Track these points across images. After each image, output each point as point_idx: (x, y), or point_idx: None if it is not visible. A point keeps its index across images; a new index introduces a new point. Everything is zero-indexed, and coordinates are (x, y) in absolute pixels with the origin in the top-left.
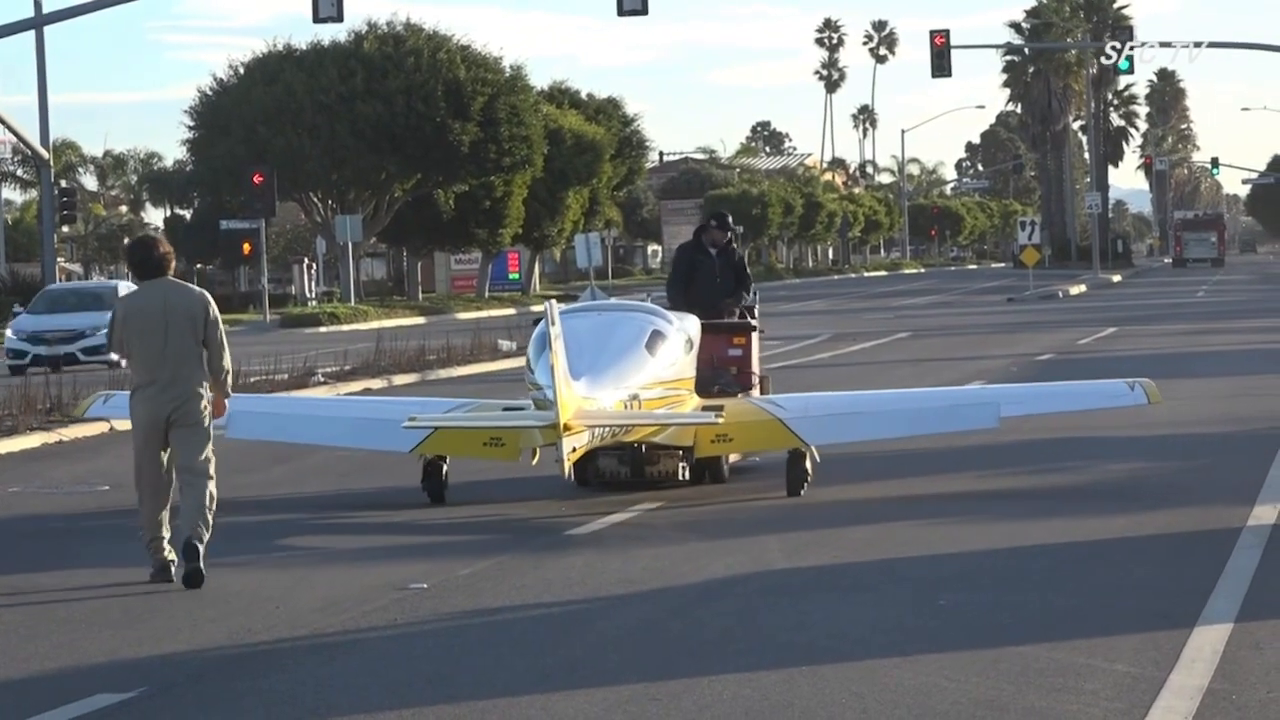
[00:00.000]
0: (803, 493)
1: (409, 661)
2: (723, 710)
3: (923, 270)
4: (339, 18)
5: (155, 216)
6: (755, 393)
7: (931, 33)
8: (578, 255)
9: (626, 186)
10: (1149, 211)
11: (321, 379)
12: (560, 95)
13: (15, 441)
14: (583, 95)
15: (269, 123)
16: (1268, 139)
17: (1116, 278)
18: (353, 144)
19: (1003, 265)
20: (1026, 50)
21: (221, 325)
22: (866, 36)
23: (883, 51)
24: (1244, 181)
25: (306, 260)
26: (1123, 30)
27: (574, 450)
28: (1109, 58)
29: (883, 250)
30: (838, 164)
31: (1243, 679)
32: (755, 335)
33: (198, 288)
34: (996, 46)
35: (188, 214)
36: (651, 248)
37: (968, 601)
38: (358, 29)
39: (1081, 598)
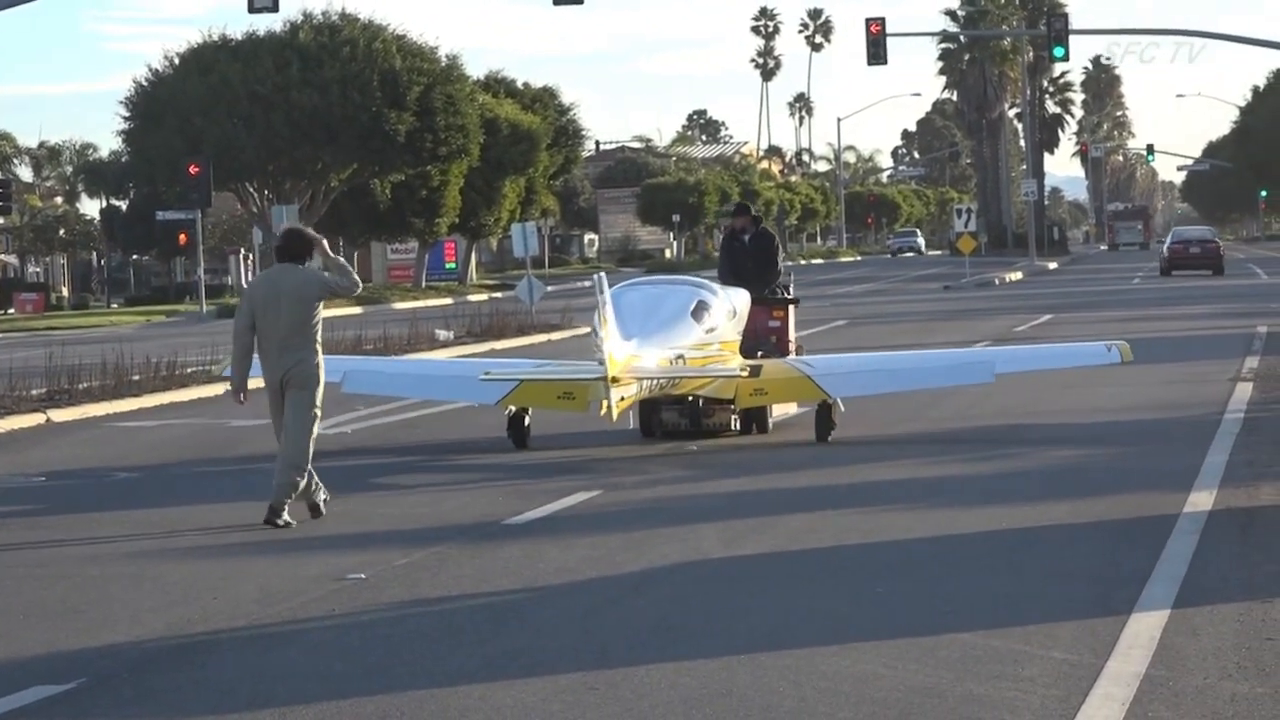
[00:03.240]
0: (829, 438)
1: (347, 652)
2: (660, 699)
3: (859, 258)
4: (274, 8)
5: (91, 207)
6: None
7: (867, 20)
8: (514, 244)
9: (563, 176)
10: (1085, 199)
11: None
12: (496, 85)
13: None
14: (519, 85)
15: (204, 113)
16: (1202, 126)
17: (1053, 265)
18: (288, 134)
19: (939, 253)
20: (962, 38)
21: (327, 287)
22: (802, 25)
23: (819, 39)
24: (1179, 169)
25: (243, 251)
26: (1058, 18)
27: (622, 399)
28: (1054, 56)
29: (819, 238)
30: (774, 152)
31: (1180, 665)
32: (792, 309)
33: (312, 270)
34: (932, 34)
35: (123, 205)
36: (588, 237)
37: (905, 589)
38: (293, 19)
39: (1019, 585)
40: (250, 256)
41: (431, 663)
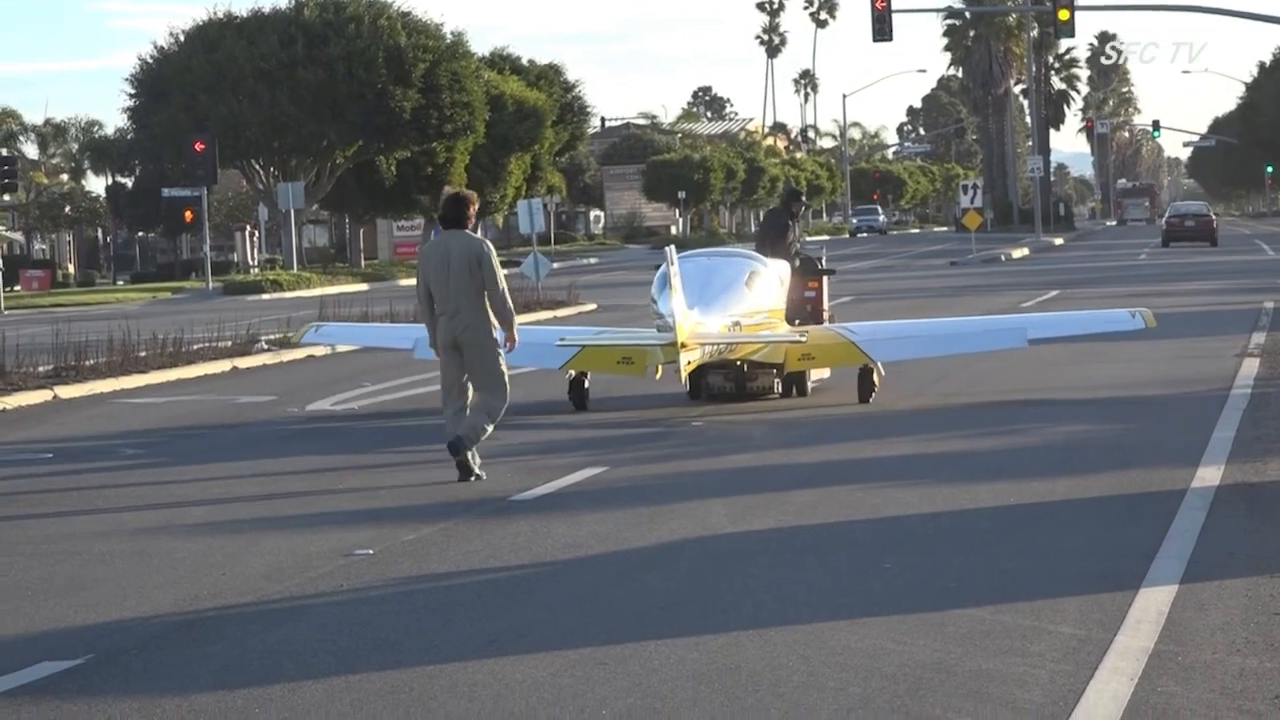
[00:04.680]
0: (871, 400)
1: (355, 627)
2: (669, 674)
3: (865, 234)
4: None
5: (97, 184)
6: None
7: None
8: (520, 221)
9: (568, 152)
10: (1091, 175)
11: (265, 346)
12: (501, 62)
13: None
14: (524, 62)
15: (210, 90)
16: (1208, 102)
17: (1059, 241)
18: (294, 111)
19: (945, 229)
20: (967, 14)
21: (496, 267)
22: (807, 1)
23: (823, 16)
24: (1185, 144)
25: (248, 228)
26: None
27: (689, 363)
28: (1059, 34)
29: (825, 214)
30: (779, 129)
31: (1188, 640)
32: (826, 280)
33: (477, 236)
34: (937, 10)
35: (129, 182)
36: (594, 213)
37: (913, 565)
38: None
39: (1027, 560)
40: (256, 233)
41: (440, 638)
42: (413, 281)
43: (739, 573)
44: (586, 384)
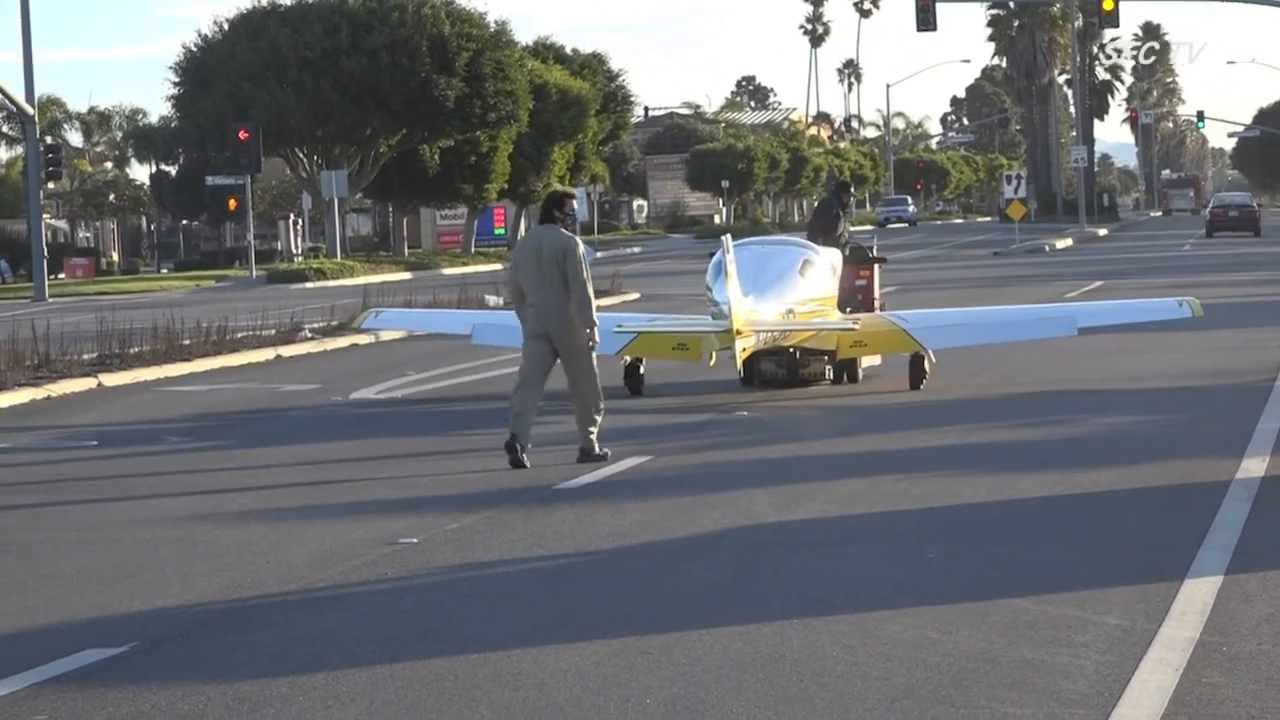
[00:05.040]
0: (922, 387)
1: (400, 616)
2: (714, 663)
3: (909, 224)
4: None
5: (141, 173)
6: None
7: None
8: None
9: (612, 141)
10: (1135, 165)
11: (308, 334)
12: (545, 51)
13: (4, 397)
14: (567, 51)
15: (254, 79)
16: (1253, 93)
17: (1102, 231)
18: (337, 100)
19: (988, 219)
20: (1011, 4)
21: (580, 263)
22: None
23: (867, 5)
24: (1229, 135)
25: (292, 216)
26: None
27: (744, 350)
28: (1103, 24)
29: (868, 204)
30: (823, 118)
31: (1233, 631)
32: (877, 268)
33: (566, 232)
34: (982, 0)
35: (173, 170)
36: (637, 203)
37: (957, 555)
38: None
39: (1071, 551)
40: (300, 222)
41: (484, 627)
42: (455, 270)
43: (783, 562)
44: (642, 370)
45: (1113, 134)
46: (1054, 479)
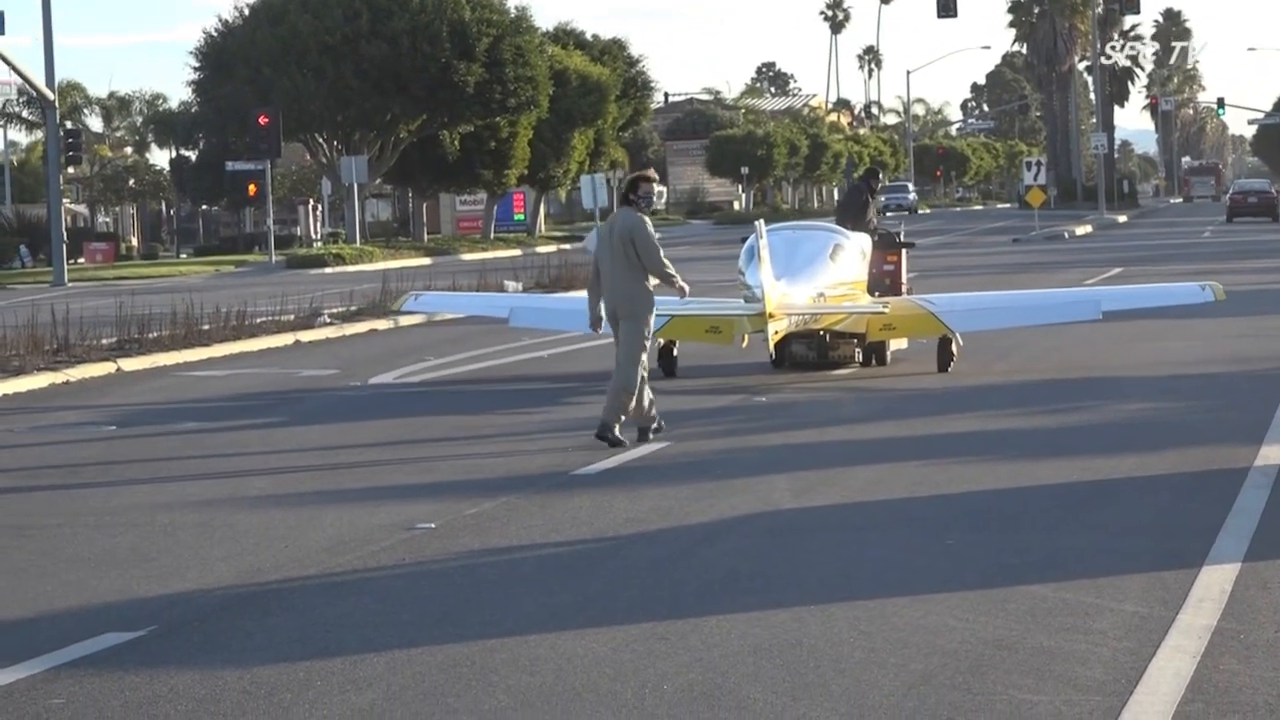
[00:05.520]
0: (951, 368)
1: (418, 601)
2: (731, 649)
3: (928, 211)
4: None
5: (160, 158)
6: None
7: None
8: (583, 196)
9: (632, 127)
10: (1155, 152)
11: (327, 319)
12: (565, 36)
13: (22, 382)
14: (588, 36)
15: (274, 64)
16: (1274, 79)
17: (1122, 218)
18: (358, 85)
19: (1008, 206)
20: None
21: (648, 238)
22: None
23: None
24: (1250, 122)
25: (312, 201)
26: None
27: (776, 333)
28: (1123, 10)
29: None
30: (843, 105)
31: (1251, 618)
32: (904, 253)
33: (637, 214)
34: None
35: (193, 155)
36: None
37: (976, 541)
38: None
39: (1089, 537)
40: (319, 207)
41: (501, 612)
42: (475, 256)
43: (800, 548)
44: (675, 352)
45: (1132, 121)
46: (1073, 465)
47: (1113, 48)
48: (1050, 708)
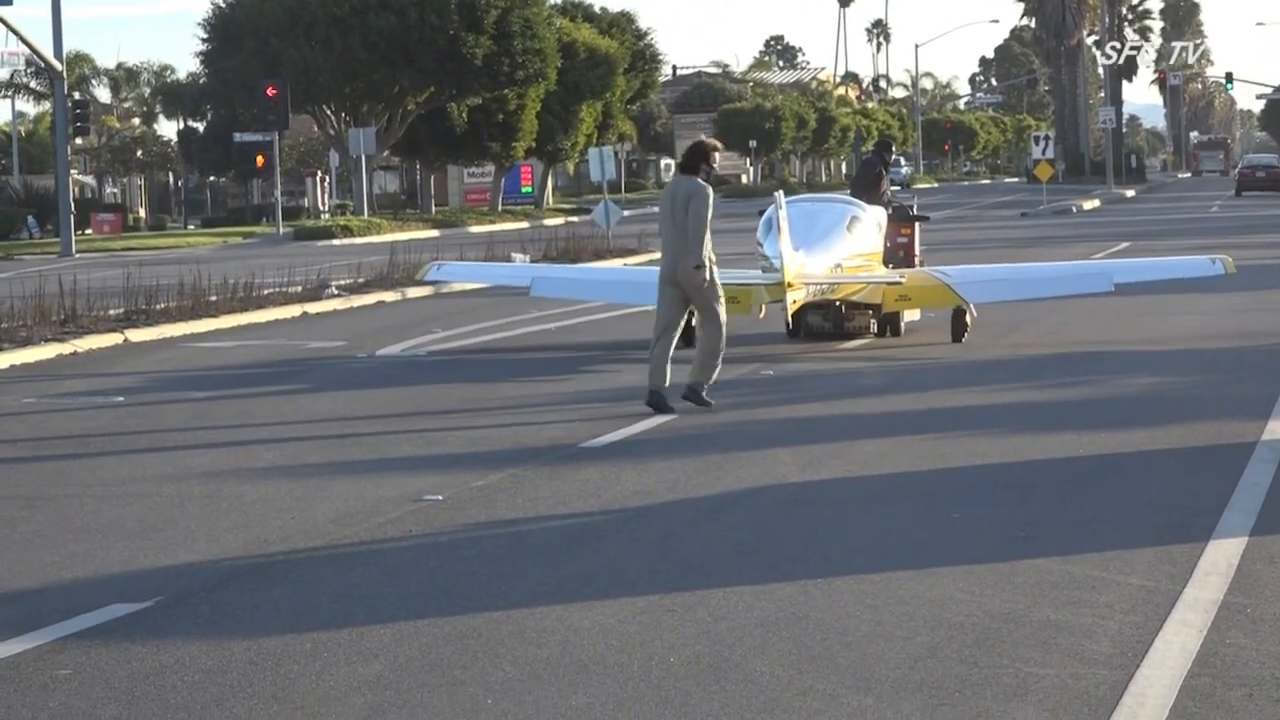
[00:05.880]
0: (964, 339)
1: (425, 573)
2: (737, 621)
3: (936, 185)
4: None
5: (168, 129)
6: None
7: None
8: (591, 169)
9: (639, 100)
10: (1163, 127)
11: (335, 291)
12: (574, 9)
13: (30, 352)
14: (596, 9)
15: (282, 35)
16: None
17: (1130, 193)
18: (366, 57)
19: (1016, 180)
20: None
21: (701, 207)
22: None
23: None
24: (1258, 97)
25: (319, 173)
26: None
27: (794, 302)
28: None
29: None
30: (851, 78)
31: (1258, 592)
32: (917, 226)
33: (699, 182)
34: None
35: (201, 126)
36: (664, 161)
37: (981, 515)
38: None
39: (1095, 511)
40: (327, 179)
41: (508, 584)
42: (482, 228)
43: (806, 521)
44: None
45: (1141, 95)
46: (1080, 439)
47: (1114, 48)
48: (1056, 681)
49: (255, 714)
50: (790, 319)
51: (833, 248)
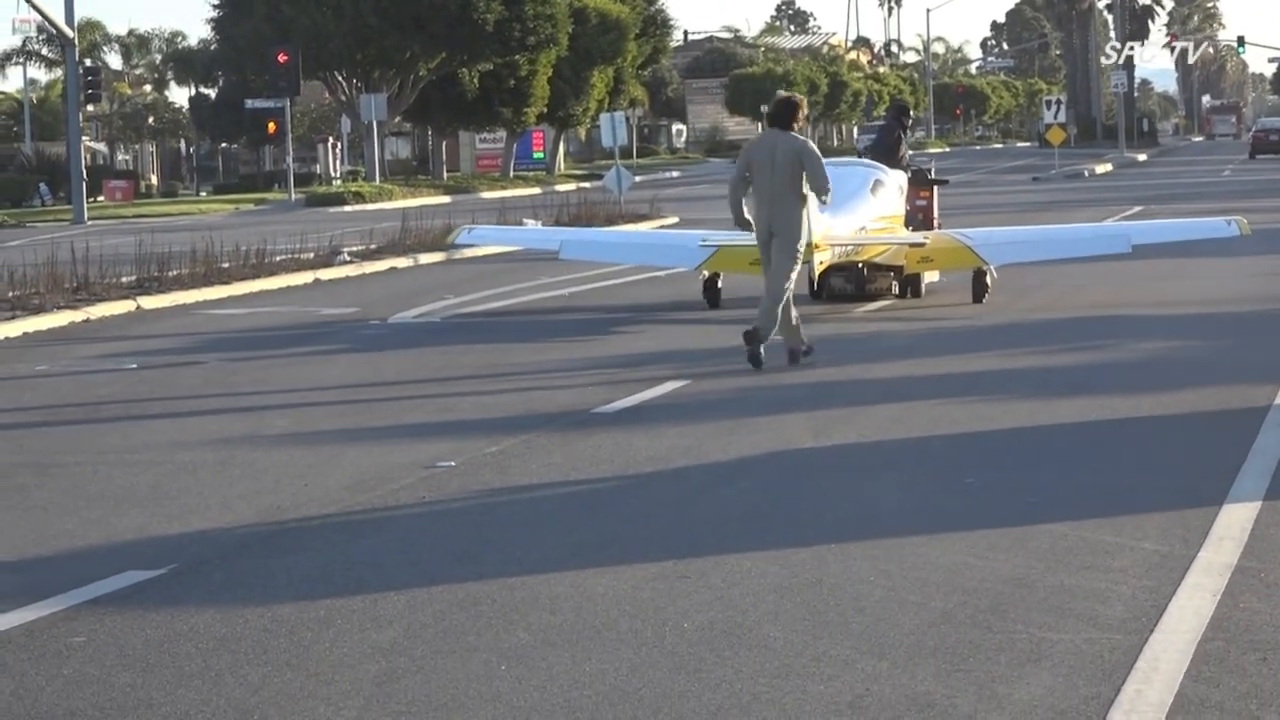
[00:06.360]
0: (985, 300)
1: (438, 539)
2: (751, 586)
3: (948, 149)
4: None
5: (180, 95)
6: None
7: None
8: (603, 135)
9: (651, 66)
10: (1174, 91)
11: (347, 258)
12: None
13: (43, 320)
14: None
15: (293, 1)
16: None
17: (1142, 157)
18: (377, 22)
19: (1028, 144)
20: None
21: (817, 156)
22: None
23: None
24: (1270, 60)
25: (331, 139)
26: None
27: (821, 263)
28: None
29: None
30: (862, 43)
31: (1272, 556)
32: (935, 190)
33: (800, 137)
34: None
35: (212, 93)
36: (676, 127)
37: (994, 480)
38: None
39: (1108, 476)
40: (339, 145)
41: (521, 550)
42: (494, 194)
43: (820, 487)
44: (720, 284)
45: (1152, 59)
46: (1092, 404)
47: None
48: (1070, 645)
49: (269, 681)
50: (815, 280)
51: (858, 210)
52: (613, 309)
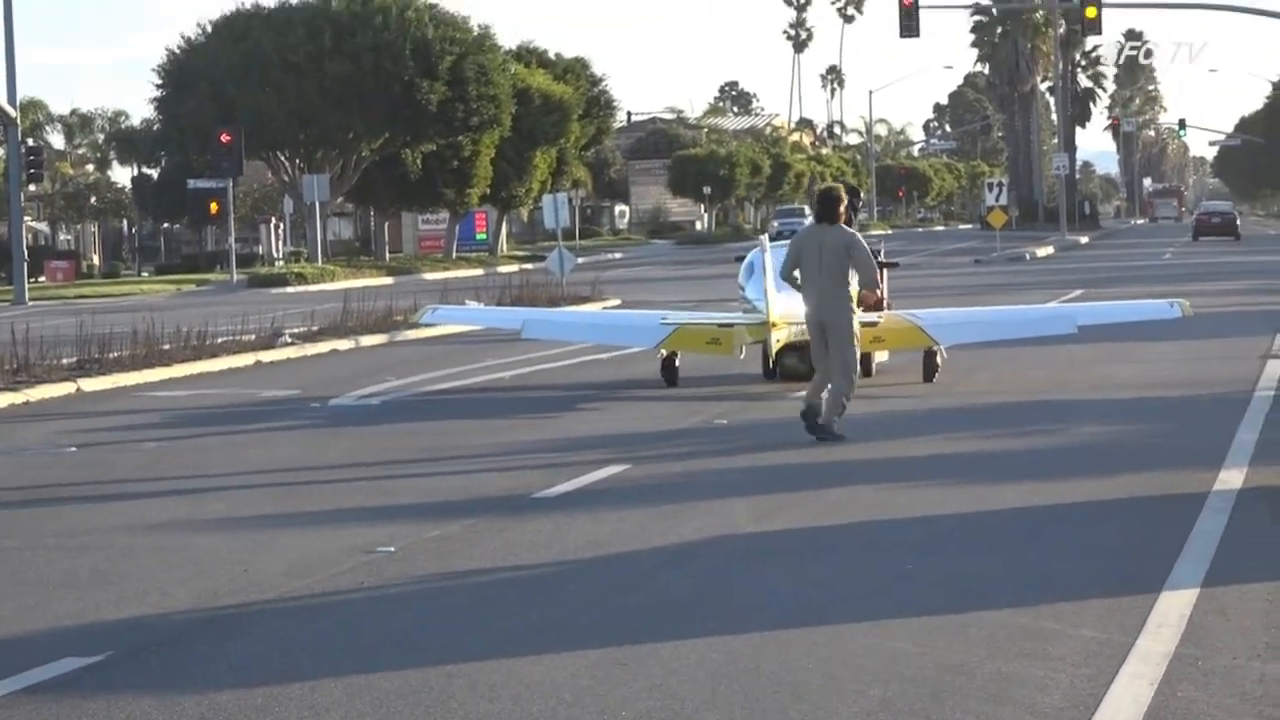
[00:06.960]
0: (935, 379)
1: (377, 625)
2: (689, 675)
3: (890, 231)
4: None
5: (122, 175)
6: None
7: None
8: (545, 216)
9: (594, 146)
10: (1116, 173)
11: (289, 339)
12: (528, 55)
13: None
14: (550, 55)
15: (237, 82)
16: (1235, 101)
17: (1084, 239)
18: (320, 103)
19: (970, 226)
20: (995, 10)
21: (865, 248)
22: None
23: (850, 11)
24: (1211, 143)
25: (273, 220)
26: None
27: (778, 341)
28: (1085, 31)
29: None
30: (805, 124)
31: (1210, 644)
32: (885, 272)
33: (848, 230)
34: (965, 6)
35: (155, 173)
36: (619, 208)
37: (935, 566)
38: None
39: (1048, 562)
40: (281, 226)
41: (461, 636)
42: (437, 275)
43: (760, 573)
44: (677, 363)
45: (1094, 142)
46: (1034, 489)
47: (1080, 68)
48: None
49: None
50: (771, 360)
51: None
52: (556, 387)
